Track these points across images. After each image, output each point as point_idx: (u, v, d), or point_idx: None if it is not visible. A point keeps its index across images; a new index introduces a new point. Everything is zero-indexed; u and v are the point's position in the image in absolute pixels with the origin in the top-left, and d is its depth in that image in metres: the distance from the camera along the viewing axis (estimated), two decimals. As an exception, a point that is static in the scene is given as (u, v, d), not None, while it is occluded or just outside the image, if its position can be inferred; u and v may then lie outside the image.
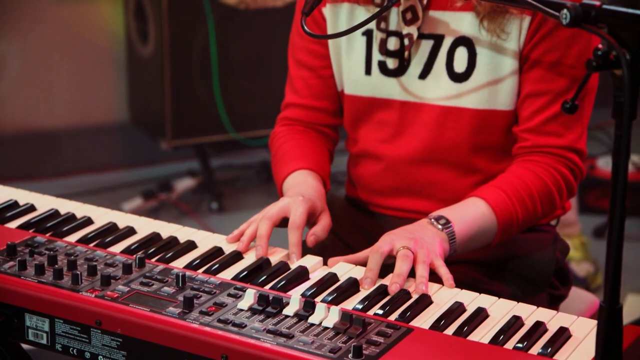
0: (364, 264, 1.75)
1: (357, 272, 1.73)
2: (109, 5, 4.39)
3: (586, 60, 1.36)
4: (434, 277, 1.72)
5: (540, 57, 1.87)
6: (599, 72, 1.37)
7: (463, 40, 1.89)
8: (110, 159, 4.54)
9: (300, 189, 1.91)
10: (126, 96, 4.49)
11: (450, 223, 1.80)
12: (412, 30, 1.91)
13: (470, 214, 1.83)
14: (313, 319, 1.56)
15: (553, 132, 1.89)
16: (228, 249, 1.81)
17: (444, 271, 1.71)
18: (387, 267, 1.73)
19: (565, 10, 1.41)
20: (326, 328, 1.54)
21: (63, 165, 4.45)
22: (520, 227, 1.88)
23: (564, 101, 1.45)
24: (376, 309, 1.62)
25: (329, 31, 2.01)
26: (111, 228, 1.87)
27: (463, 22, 1.89)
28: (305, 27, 1.78)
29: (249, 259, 1.79)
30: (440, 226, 1.79)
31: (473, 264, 1.92)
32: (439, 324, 1.58)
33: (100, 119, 4.52)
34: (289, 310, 1.58)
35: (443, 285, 1.71)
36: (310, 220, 1.88)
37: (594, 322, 1.59)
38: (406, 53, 1.93)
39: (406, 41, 1.92)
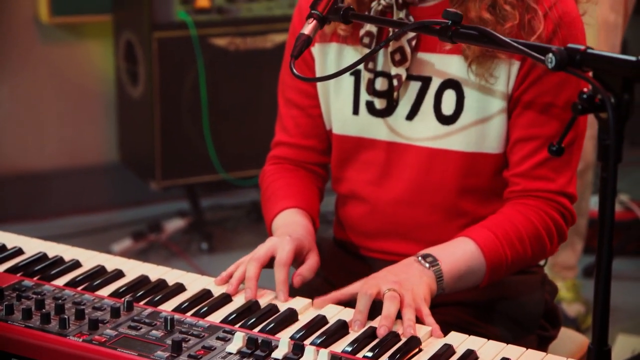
0: (349, 300, 1.74)
1: (346, 314, 1.73)
2: (99, 47, 4.41)
3: (572, 103, 1.37)
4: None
5: (530, 102, 1.87)
6: (585, 115, 1.38)
7: (451, 83, 1.90)
8: (100, 199, 4.53)
9: (288, 229, 1.91)
10: (116, 137, 4.49)
11: (437, 261, 1.79)
12: (401, 71, 1.92)
13: (459, 253, 1.82)
14: (302, 362, 1.55)
15: (544, 177, 1.89)
16: (217, 291, 1.81)
17: (430, 321, 1.69)
18: (375, 305, 1.72)
19: (550, 55, 1.42)
20: (315, 371, 1.54)
21: (53, 206, 4.44)
22: (510, 268, 1.88)
23: (551, 144, 1.46)
24: (365, 352, 1.61)
25: (317, 70, 2.02)
26: (99, 271, 1.86)
27: (451, 65, 1.90)
28: (295, 71, 1.78)
29: (238, 301, 1.78)
30: (427, 264, 1.79)
31: (462, 306, 1.92)
32: (429, 367, 1.57)
33: (90, 159, 4.52)
34: (277, 354, 1.57)
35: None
36: (299, 259, 1.87)
37: (583, 364, 1.59)
38: (395, 94, 1.94)
39: (395, 82, 1.93)
